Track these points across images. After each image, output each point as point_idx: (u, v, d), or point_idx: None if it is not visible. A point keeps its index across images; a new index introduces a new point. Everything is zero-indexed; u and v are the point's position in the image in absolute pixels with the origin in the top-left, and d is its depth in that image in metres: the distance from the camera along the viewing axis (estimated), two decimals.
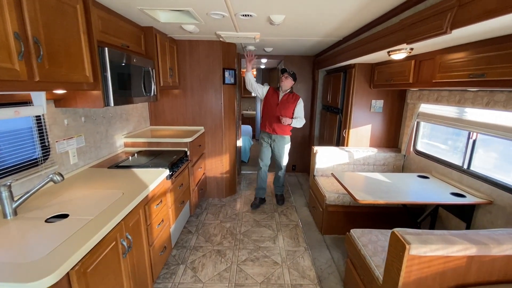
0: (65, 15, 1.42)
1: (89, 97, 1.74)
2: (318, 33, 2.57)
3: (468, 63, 1.58)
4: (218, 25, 2.29)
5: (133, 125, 2.90)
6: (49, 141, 1.72)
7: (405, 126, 2.94)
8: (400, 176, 2.48)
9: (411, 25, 1.54)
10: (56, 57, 1.35)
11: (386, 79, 2.62)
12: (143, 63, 2.22)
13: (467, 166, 2.18)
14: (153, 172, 1.98)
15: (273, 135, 3.16)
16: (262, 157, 3.32)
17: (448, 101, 2.16)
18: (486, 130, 1.92)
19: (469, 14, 1.16)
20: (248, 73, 3.08)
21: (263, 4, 1.72)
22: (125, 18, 2.06)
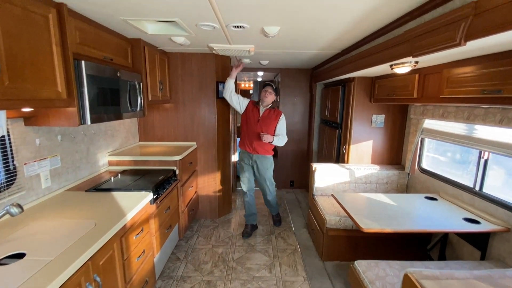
0: (34, 26, 1.27)
1: (63, 115, 1.57)
2: (315, 45, 2.46)
3: (481, 77, 1.44)
4: (210, 37, 2.16)
5: (120, 142, 2.72)
6: (15, 164, 1.53)
7: (408, 142, 2.78)
8: (406, 197, 2.29)
9: (417, 37, 1.40)
10: (19, 72, 1.19)
11: (388, 93, 2.48)
12: (129, 77, 2.07)
13: (479, 188, 2.00)
14: (134, 197, 1.79)
15: (254, 155, 2.84)
16: (244, 181, 2.96)
17: (455, 117, 2.01)
18: (500, 150, 1.76)
19: (487, 24, 1.02)
20: (231, 80, 2.78)
21: (255, 14, 1.59)
22: (109, 30, 1.93)
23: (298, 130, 4.40)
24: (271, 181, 2.95)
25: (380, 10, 1.49)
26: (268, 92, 2.77)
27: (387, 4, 1.39)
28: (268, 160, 2.87)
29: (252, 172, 2.95)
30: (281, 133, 2.80)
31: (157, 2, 1.42)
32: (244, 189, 2.98)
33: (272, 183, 2.98)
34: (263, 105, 2.81)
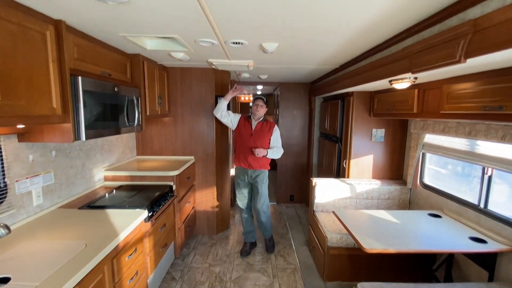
0: (30, 42, 1.26)
1: (58, 131, 1.54)
2: (314, 61, 2.47)
3: (482, 93, 1.42)
4: (209, 52, 2.17)
5: (117, 156, 2.68)
6: (6, 182, 1.48)
7: (409, 157, 2.74)
8: (409, 215, 2.23)
9: (416, 53, 1.40)
10: (13, 88, 1.17)
11: (387, 108, 2.47)
12: (127, 92, 2.06)
13: (484, 205, 1.95)
14: (128, 215, 1.73)
15: (249, 171, 2.73)
16: (240, 198, 2.87)
17: (456, 132, 1.98)
18: (504, 167, 1.71)
19: (487, 42, 1.01)
20: (225, 101, 2.74)
21: (254, 31, 1.59)
22: (107, 45, 1.93)
23: (297, 143, 4.37)
24: (266, 198, 2.79)
25: (376, 29, 1.49)
26: (260, 106, 2.74)
27: (382, 23, 1.39)
28: (264, 174, 2.77)
29: (248, 189, 2.85)
30: (276, 145, 2.74)
31: (156, 19, 1.42)
32: (241, 206, 2.90)
33: (266, 200, 2.80)
34: (255, 119, 2.77)
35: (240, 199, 2.89)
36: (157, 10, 1.28)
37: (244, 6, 1.21)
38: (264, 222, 2.82)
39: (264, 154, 2.61)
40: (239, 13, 1.30)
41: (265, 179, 2.78)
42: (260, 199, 2.75)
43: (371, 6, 1.18)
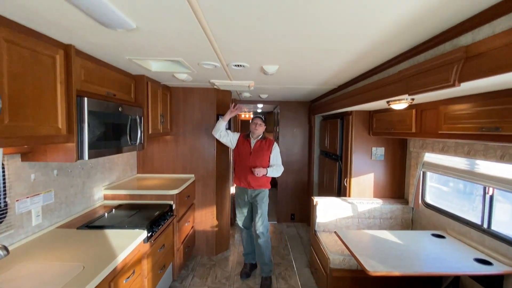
0: (40, 66, 1.31)
1: (61, 150, 1.56)
2: (313, 81, 2.54)
3: (479, 115, 1.46)
4: (211, 74, 2.24)
5: (117, 175, 2.67)
6: (7, 201, 1.48)
7: (410, 176, 2.74)
8: (412, 235, 2.19)
9: (412, 76, 1.45)
10: (21, 110, 1.21)
11: (386, 127, 2.51)
12: (131, 111, 2.10)
13: (487, 225, 1.92)
14: (127, 235, 1.70)
15: (249, 190, 2.68)
16: (240, 218, 2.81)
17: (456, 152, 2.00)
18: (505, 186, 1.72)
19: (479, 68, 1.06)
20: (223, 122, 2.73)
21: (255, 55, 1.66)
22: (113, 67, 2.00)
23: (298, 161, 4.38)
24: (265, 218, 2.68)
25: (373, 53, 1.56)
26: (258, 124, 2.71)
27: (379, 48, 1.46)
28: (264, 194, 2.70)
29: (248, 208, 2.78)
30: (276, 162, 2.69)
31: (161, 44, 1.49)
32: (241, 225, 2.83)
33: (266, 220, 2.68)
34: (253, 137, 2.74)
35: (240, 218, 2.83)
36: (163, 36, 1.35)
37: (246, 33, 1.28)
38: (262, 246, 2.66)
39: (263, 173, 2.56)
40: (241, 39, 1.37)
41: (265, 198, 2.72)
42: (259, 220, 2.67)
43: (369, 32, 1.24)
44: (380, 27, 1.16)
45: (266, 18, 1.10)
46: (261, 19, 1.12)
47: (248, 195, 2.70)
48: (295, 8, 1.00)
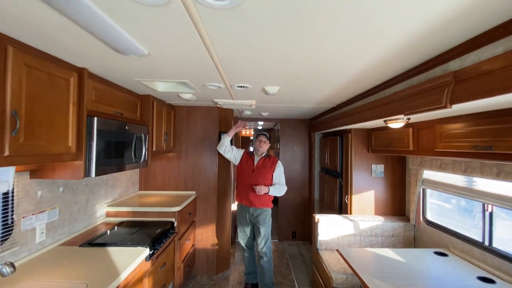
0: (55, 88, 1.39)
1: (69, 168, 1.60)
2: (312, 101, 2.63)
3: (472, 134, 1.52)
4: (215, 94, 2.33)
5: (120, 192, 2.69)
6: (14, 218, 1.50)
7: (410, 193, 2.76)
8: (414, 253, 2.18)
9: (407, 98, 1.53)
10: (35, 129, 1.27)
11: (385, 144, 2.57)
12: (136, 130, 2.17)
13: (488, 243, 1.93)
14: (129, 253, 1.71)
15: (251, 209, 2.64)
16: (242, 237, 2.77)
17: (453, 169, 2.05)
18: (503, 203, 1.75)
19: (468, 91, 1.13)
20: (228, 137, 2.75)
21: (258, 77, 1.75)
22: (121, 87, 2.09)
23: (298, 178, 4.40)
24: (268, 239, 2.65)
25: (369, 75, 1.65)
26: (263, 142, 2.72)
27: (375, 70, 1.55)
28: (266, 213, 2.66)
29: (250, 227, 2.74)
30: (279, 181, 2.67)
31: (170, 67, 1.58)
32: (243, 245, 2.79)
33: (269, 242, 2.66)
34: (257, 154, 2.74)
35: (242, 237, 2.79)
36: (173, 60, 1.44)
37: (249, 58, 1.37)
38: (265, 267, 2.63)
39: (265, 191, 2.53)
40: (245, 64, 1.46)
41: (267, 218, 2.67)
42: (262, 241, 2.62)
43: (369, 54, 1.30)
44: (380, 49, 1.22)
45: (270, 42, 1.19)
46: (265, 44, 1.21)
47: (250, 214, 2.67)
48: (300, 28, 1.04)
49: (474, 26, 1.00)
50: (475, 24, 0.98)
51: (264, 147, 2.73)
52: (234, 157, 2.78)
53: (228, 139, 2.76)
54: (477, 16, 0.92)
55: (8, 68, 1.12)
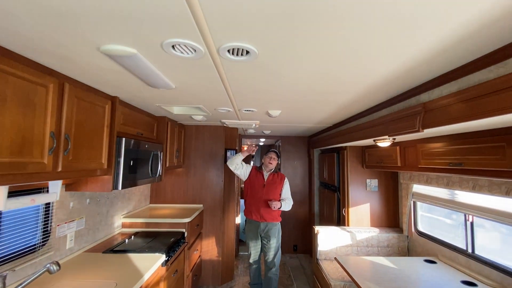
0: (95, 114, 1.67)
1: (100, 181, 1.85)
2: (311, 121, 2.92)
3: (447, 152, 1.78)
4: (224, 115, 2.62)
5: (134, 204, 2.92)
6: (52, 226, 1.73)
7: (402, 206, 2.98)
8: (406, 261, 2.37)
9: (390, 122, 1.80)
10: (80, 149, 1.53)
11: (377, 161, 2.82)
12: (153, 148, 2.43)
13: (471, 250, 2.13)
14: (148, 259, 1.91)
15: (262, 224, 2.72)
16: (251, 251, 2.84)
17: (437, 183, 2.29)
18: (479, 213, 1.97)
19: (436, 119, 1.40)
20: (241, 156, 2.82)
21: (262, 104, 2.04)
22: (143, 111, 2.38)
23: (299, 192, 4.60)
24: (278, 252, 2.76)
25: (358, 101, 1.93)
26: (273, 158, 2.83)
27: (367, 96, 1.82)
28: (276, 227, 2.77)
29: (259, 243, 2.82)
30: (287, 196, 2.80)
31: (189, 96, 1.86)
32: (251, 260, 2.87)
33: (278, 255, 2.76)
34: (266, 170, 2.86)
35: (250, 252, 2.86)
36: (193, 91, 1.72)
37: (256, 92, 1.65)
38: (272, 279, 2.71)
39: (279, 206, 2.64)
40: (253, 96, 1.75)
41: (277, 232, 2.77)
42: (273, 253, 2.72)
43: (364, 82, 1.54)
44: (368, 84, 1.48)
45: (274, 81, 1.48)
46: (270, 83, 1.49)
47: (261, 229, 2.75)
48: (300, 69, 1.35)
49: (437, 69, 1.28)
50: (437, 67, 1.25)
51: (273, 163, 2.84)
52: (243, 173, 2.87)
53: (241, 158, 2.83)
54: (438, 61, 1.18)
55: (64, 100, 1.40)
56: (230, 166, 2.83)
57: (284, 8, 0.77)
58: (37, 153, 1.23)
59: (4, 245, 1.42)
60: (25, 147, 1.17)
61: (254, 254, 2.85)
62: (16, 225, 1.49)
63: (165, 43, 0.99)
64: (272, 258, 2.74)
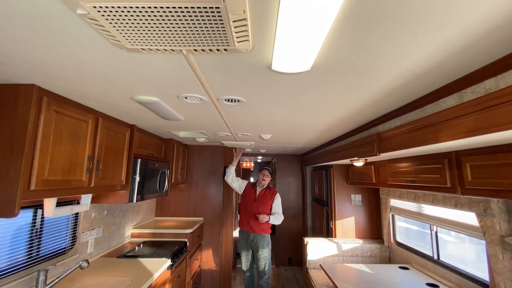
0: (118, 140, 2.07)
1: (118, 195, 2.21)
2: (299, 142, 3.31)
3: (406, 171, 2.16)
4: (223, 138, 3.02)
5: (141, 217, 3.25)
6: (79, 232, 2.08)
7: (383, 219, 3.30)
8: (382, 267, 2.68)
9: (358, 146, 2.19)
10: (106, 169, 1.91)
11: (358, 178, 3.18)
12: (162, 166, 2.81)
13: (437, 257, 2.45)
14: (157, 262, 2.24)
15: (251, 234, 2.98)
16: (243, 260, 3.10)
17: (407, 198, 2.64)
18: (440, 224, 2.31)
19: (387, 146, 1.79)
20: (232, 167, 3.21)
21: (255, 130, 2.45)
22: (154, 135, 2.79)
23: (293, 207, 4.91)
24: (268, 261, 2.98)
25: (333, 129, 2.34)
26: (265, 175, 3.14)
27: (339, 125, 2.23)
28: (265, 239, 2.98)
29: (250, 251, 3.08)
30: (277, 211, 3.01)
31: (194, 124, 2.27)
32: (244, 268, 3.13)
33: (268, 264, 2.98)
34: (259, 186, 3.15)
35: (243, 260, 3.13)
36: (198, 122, 2.13)
37: (248, 122, 2.06)
38: (263, 286, 2.97)
39: (267, 220, 2.86)
40: (246, 124, 2.16)
41: (266, 243, 2.99)
42: (262, 263, 2.96)
43: (330, 118, 2.00)
44: (336, 117, 1.88)
45: (262, 114, 1.89)
46: (258, 116, 1.90)
47: (250, 239, 3.03)
48: (283, 109, 1.77)
49: (387, 106, 1.67)
50: (387, 105, 1.64)
51: (266, 180, 3.14)
52: (239, 187, 3.23)
53: (232, 168, 3.22)
54: (385, 102, 1.57)
55: (98, 131, 1.81)
56: (227, 180, 3.22)
57: (262, 81, 1.18)
58: (79, 172, 1.62)
59: (45, 246, 1.77)
60: (71, 168, 1.56)
61: (245, 261, 3.12)
62: (54, 230, 1.85)
63: (180, 95, 1.40)
64: (263, 268, 3.00)
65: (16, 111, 1.27)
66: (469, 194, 1.57)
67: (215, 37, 0.74)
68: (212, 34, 0.72)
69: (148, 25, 0.69)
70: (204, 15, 0.64)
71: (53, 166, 1.41)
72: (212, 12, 0.63)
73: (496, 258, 1.67)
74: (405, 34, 0.81)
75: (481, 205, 1.75)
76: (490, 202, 1.69)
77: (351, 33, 0.80)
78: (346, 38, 0.83)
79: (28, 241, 1.66)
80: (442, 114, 1.25)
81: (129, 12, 0.64)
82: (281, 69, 1.00)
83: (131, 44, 0.80)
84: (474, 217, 1.85)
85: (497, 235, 1.67)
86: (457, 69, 1.07)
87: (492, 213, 1.68)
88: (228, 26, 0.68)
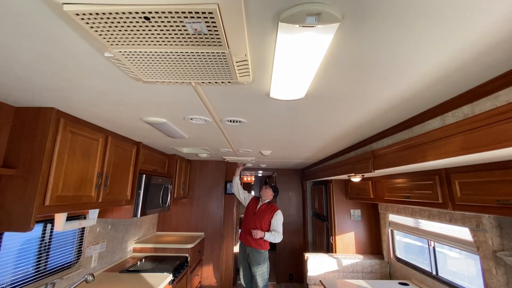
0: (125, 156, 2.17)
1: (123, 210, 2.29)
2: (298, 157, 3.41)
3: (401, 187, 2.23)
4: (224, 154, 3.12)
5: (143, 231, 3.30)
6: (84, 246, 2.14)
7: (382, 234, 3.33)
8: (382, 283, 2.69)
9: (354, 163, 2.29)
10: (114, 184, 2.00)
11: (356, 193, 3.25)
12: (165, 181, 2.90)
13: (435, 272, 2.47)
14: (159, 277, 2.27)
15: (247, 248, 2.92)
16: (241, 273, 3.07)
17: (405, 213, 2.69)
18: (438, 239, 2.36)
19: (381, 163, 1.89)
20: (236, 177, 3.31)
21: (255, 146, 2.55)
22: (158, 151, 2.89)
23: (294, 223, 4.91)
24: (263, 279, 2.86)
25: (330, 146, 2.44)
26: (264, 187, 3.13)
27: (335, 142, 2.34)
28: (261, 255, 2.86)
29: (248, 266, 3.00)
30: (276, 228, 2.87)
31: (197, 141, 2.38)
32: (243, 283, 3.08)
33: (264, 281, 2.87)
34: (262, 200, 3.12)
35: (241, 274, 3.11)
36: (201, 139, 2.25)
37: (248, 139, 2.17)
38: None
39: (261, 236, 2.76)
40: (246, 141, 2.26)
41: (262, 259, 2.87)
42: (258, 279, 2.87)
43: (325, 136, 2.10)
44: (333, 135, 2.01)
45: (260, 134, 2.00)
46: (257, 134, 2.01)
47: (246, 252, 2.98)
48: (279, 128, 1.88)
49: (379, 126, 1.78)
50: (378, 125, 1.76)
51: (266, 193, 3.09)
52: (244, 199, 3.26)
53: (236, 178, 3.32)
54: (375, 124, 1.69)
55: (107, 149, 1.91)
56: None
57: (261, 106, 1.30)
58: (89, 188, 1.71)
59: (53, 259, 1.83)
60: (82, 184, 1.65)
61: (243, 276, 3.08)
62: (61, 244, 1.91)
63: (186, 117, 1.52)
64: (259, 285, 2.90)
65: (35, 132, 1.39)
66: (460, 210, 1.64)
67: (221, 74, 0.86)
68: (218, 71, 0.84)
69: (164, 64, 0.81)
70: (212, 58, 0.76)
71: (66, 182, 1.51)
72: (218, 56, 0.75)
73: (490, 273, 1.72)
74: (380, 73, 0.94)
75: (473, 221, 1.82)
76: (482, 218, 1.76)
77: (336, 71, 0.93)
78: (333, 74, 0.95)
79: (37, 255, 1.72)
80: (428, 135, 1.35)
81: (149, 55, 0.76)
82: (278, 97, 1.12)
83: (147, 77, 0.92)
84: (468, 232, 1.91)
85: (489, 250, 1.73)
86: (436, 97, 1.18)
87: (484, 228, 1.75)
88: (232, 66, 0.80)
